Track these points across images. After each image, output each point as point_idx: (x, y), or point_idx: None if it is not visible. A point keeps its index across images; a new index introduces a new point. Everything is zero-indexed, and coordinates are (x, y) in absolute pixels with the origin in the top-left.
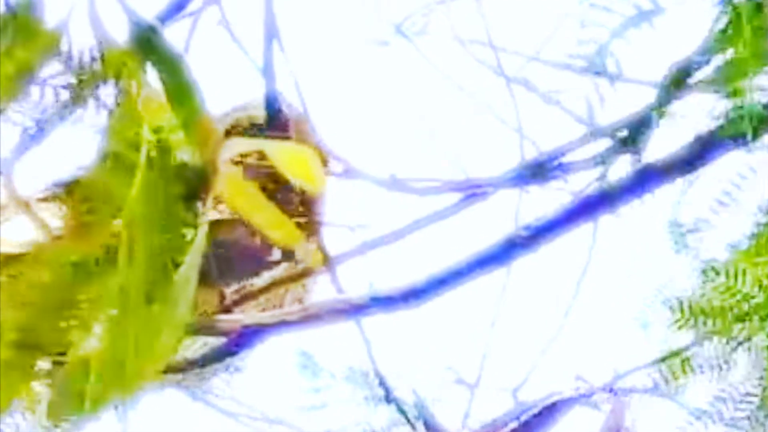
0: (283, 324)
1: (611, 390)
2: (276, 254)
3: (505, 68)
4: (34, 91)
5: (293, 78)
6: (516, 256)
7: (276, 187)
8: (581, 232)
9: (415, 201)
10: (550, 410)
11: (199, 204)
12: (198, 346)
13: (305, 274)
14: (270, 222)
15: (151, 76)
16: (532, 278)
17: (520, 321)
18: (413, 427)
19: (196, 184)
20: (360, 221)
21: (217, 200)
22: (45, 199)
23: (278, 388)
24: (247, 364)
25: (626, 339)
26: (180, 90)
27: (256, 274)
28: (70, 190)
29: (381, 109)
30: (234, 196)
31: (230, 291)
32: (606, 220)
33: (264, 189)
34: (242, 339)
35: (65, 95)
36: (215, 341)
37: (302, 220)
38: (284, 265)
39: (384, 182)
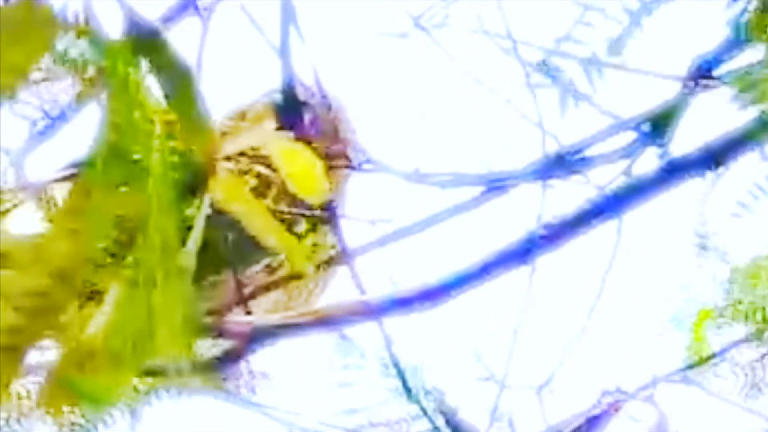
0: (296, 327)
1: (650, 401)
2: None
3: (525, 60)
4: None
5: (312, 70)
6: (538, 253)
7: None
8: (605, 228)
9: (436, 194)
10: (589, 425)
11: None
12: (207, 347)
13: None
14: (265, 228)
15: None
16: (555, 275)
17: (544, 318)
18: (431, 420)
19: (191, 185)
20: (380, 215)
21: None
22: (61, 180)
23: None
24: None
25: (652, 338)
26: (176, 84)
27: (268, 256)
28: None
29: (401, 102)
30: (229, 199)
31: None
32: (630, 216)
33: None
34: (252, 342)
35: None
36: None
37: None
38: None
39: (405, 175)
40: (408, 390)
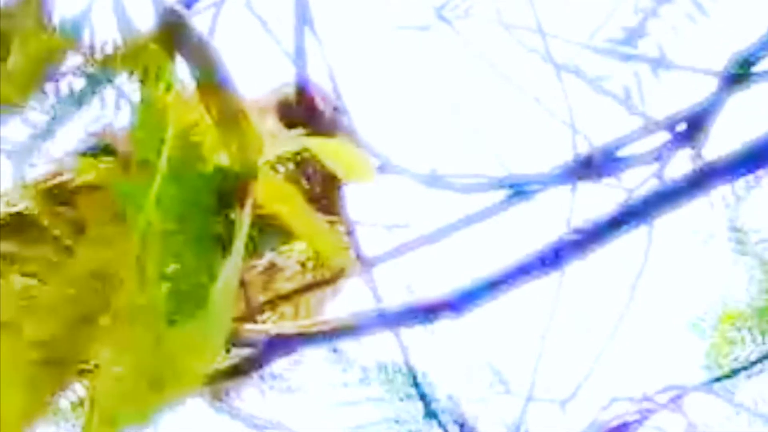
0: (311, 337)
1: (678, 410)
2: None
3: (554, 56)
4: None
5: (327, 65)
6: (566, 260)
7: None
8: (636, 233)
9: (456, 199)
10: None
11: (235, 213)
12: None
13: (338, 277)
14: (313, 232)
15: (182, 70)
16: (583, 282)
17: (570, 328)
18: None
19: (232, 190)
20: (397, 221)
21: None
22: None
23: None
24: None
25: (684, 348)
26: (214, 85)
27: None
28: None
29: (420, 100)
30: (274, 202)
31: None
32: (663, 220)
33: None
34: (268, 351)
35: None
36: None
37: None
38: None
39: (423, 178)
40: (426, 403)
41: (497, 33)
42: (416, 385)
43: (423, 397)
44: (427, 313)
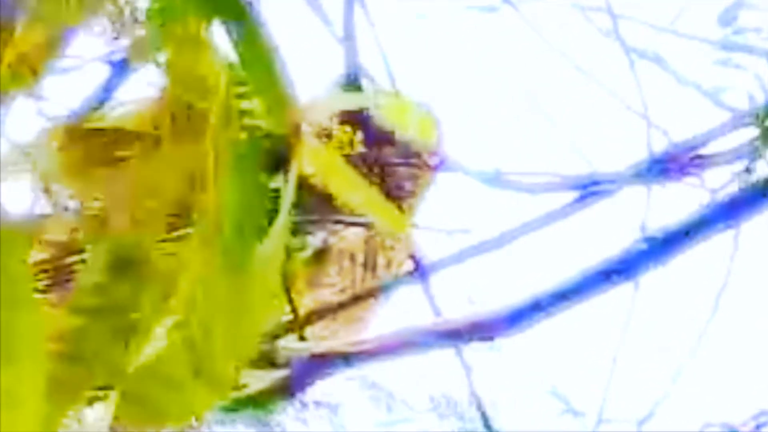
0: (362, 354)
1: None
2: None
3: (630, 41)
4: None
5: (380, 51)
6: (643, 267)
7: None
8: (721, 239)
9: (523, 200)
10: None
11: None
12: (257, 376)
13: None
14: (370, 203)
15: (219, 35)
16: (661, 292)
17: (647, 342)
18: None
19: (277, 158)
20: (458, 224)
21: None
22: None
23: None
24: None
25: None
26: (254, 49)
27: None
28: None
29: (485, 90)
30: (324, 170)
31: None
32: (750, 224)
33: None
34: (310, 371)
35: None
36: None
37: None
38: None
39: (486, 177)
40: (487, 427)
41: (568, 15)
42: (484, 418)
43: (485, 420)
44: (490, 326)
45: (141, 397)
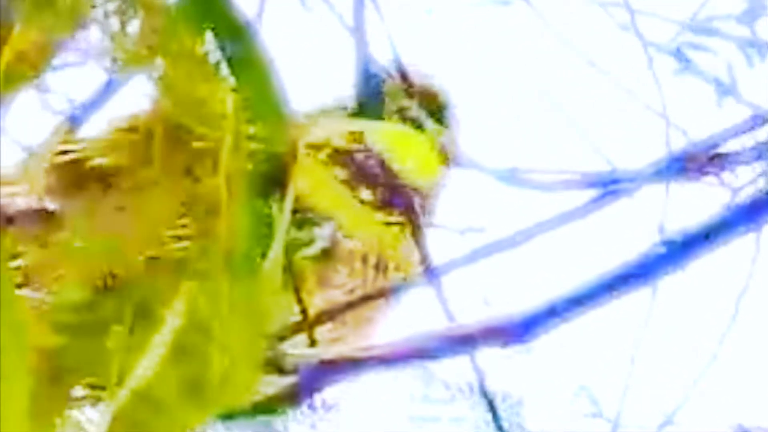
0: (372, 360)
1: None
2: None
3: (648, 35)
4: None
5: (391, 45)
6: (662, 270)
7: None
8: (741, 241)
9: (538, 198)
10: None
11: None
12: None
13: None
14: (360, 224)
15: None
16: (681, 296)
17: (666, 347)
18: None
19: (271, 177)
20: (472, 223)
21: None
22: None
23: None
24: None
25: None
26: (247, 63)
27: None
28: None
29: (499, 86)
30: (317, 191)
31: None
32: None
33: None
34: (318, 378)
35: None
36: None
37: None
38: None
39: (501, 174)
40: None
41: (584, 9)
42: (494, 414)
43: (493, 414)
44: (506, 330)
45: (131, 419)
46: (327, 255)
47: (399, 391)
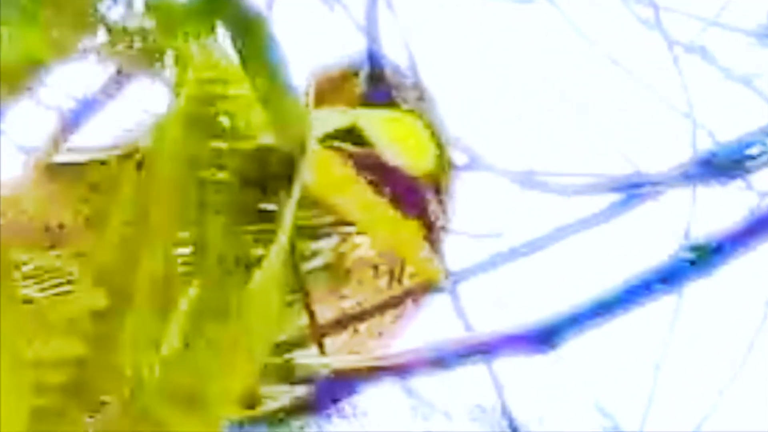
0: (388, 370)
1: None
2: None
3: (674, 34)
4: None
5: (404, 42)
6: (687, 277)
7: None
8: None
9: (557, 203)
10: None
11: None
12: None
13: (414, 294)
14: (378, 221)
15: (223, 40)
16: (706, 306)
17: (692, 355)
18: None
19: (280, 171)
20: (488, 228)
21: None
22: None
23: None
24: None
25: None
26: (259, 57)
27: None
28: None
29: (517, 85)
30: (328, 185)
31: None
32: None
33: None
34: (334, 388)
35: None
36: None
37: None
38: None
39: (519, 178)
40: None
41: (608, 6)
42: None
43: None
44: (524, 339)
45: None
46: (334, 267)
47: (412, 402)
